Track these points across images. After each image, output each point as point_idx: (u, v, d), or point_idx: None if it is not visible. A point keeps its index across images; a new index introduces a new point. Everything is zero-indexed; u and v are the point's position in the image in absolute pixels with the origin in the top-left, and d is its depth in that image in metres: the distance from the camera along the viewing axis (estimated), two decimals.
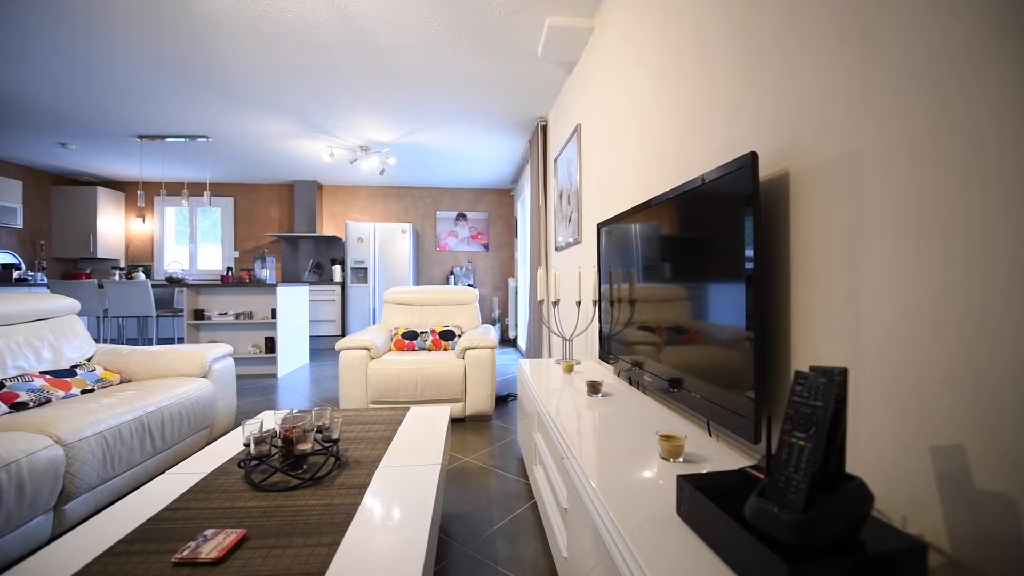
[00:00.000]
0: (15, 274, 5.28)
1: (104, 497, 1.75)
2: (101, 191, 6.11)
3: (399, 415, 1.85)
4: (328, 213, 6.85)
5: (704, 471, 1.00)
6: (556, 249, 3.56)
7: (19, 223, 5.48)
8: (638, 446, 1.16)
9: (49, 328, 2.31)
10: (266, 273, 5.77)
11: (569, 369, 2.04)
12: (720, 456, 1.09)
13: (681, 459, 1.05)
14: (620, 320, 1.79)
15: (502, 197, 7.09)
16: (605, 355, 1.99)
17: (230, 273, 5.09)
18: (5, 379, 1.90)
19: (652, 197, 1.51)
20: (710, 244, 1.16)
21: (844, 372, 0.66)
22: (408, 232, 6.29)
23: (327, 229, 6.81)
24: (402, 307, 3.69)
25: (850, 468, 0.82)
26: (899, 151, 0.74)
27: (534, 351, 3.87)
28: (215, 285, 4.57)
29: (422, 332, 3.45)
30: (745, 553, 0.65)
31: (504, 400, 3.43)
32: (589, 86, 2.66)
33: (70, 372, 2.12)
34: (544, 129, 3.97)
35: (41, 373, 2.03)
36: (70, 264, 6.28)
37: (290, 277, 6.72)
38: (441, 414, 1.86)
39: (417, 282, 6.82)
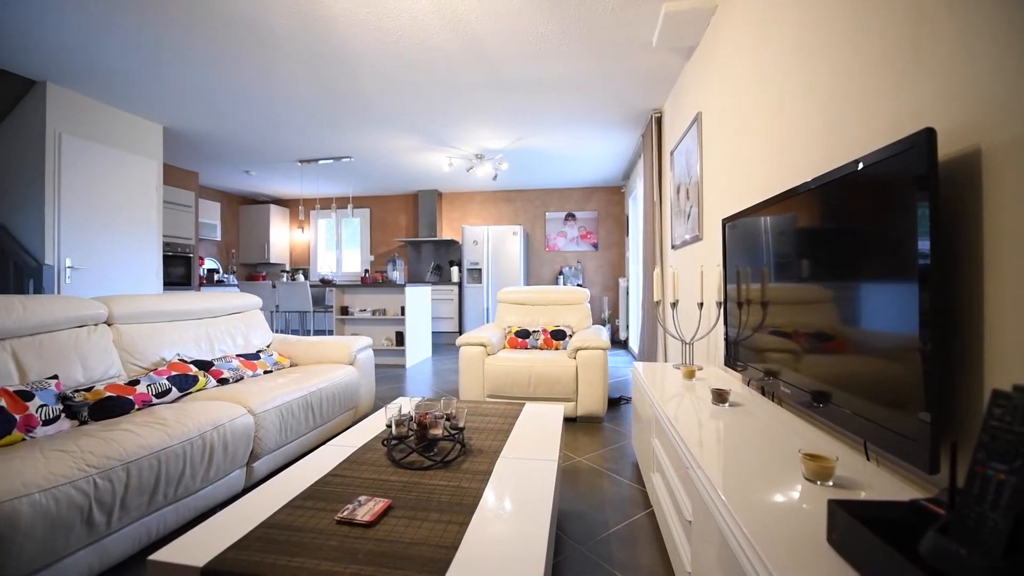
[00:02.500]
0: (215, 276, 6.67)
1: (279, 459, 2.13)
2: (272, 208, 7.40)
3: (515, 410, 1.93)
4: (447, 218, 7.39)
5: (860, 498, 0.88)
6: (672, 247, 3.38)
7: (218, 236, 6.91)
8: (775, 463, 1.06)
9: (241, 320, 2.87)
10: (396, 275, 6.43)
11: (690, 375, 1.93)
12: (881, 483, 0.94)
13: (831, 482, 0.94)
14: (749, 324, 1.64)
15: (612, 195, 6.93)
16: (731, 362, 1.83)
17: (367, 275, 5.79)
18: (214, 359, 2.42)
19: (791, 187, 1.35)
20: (866, 238, 1.01)
21: None
22: (519, 234, 6.50)
23: (446, 233, 7.35)
24: (514, 306, 3.83)
25: None
26: None
27: (648, 354, 3.72)
28: (356, 285, 5.24)
29: (534, 331, 3.54)
30: None
31: (616, 403, 3.36)
32: (711, 70, 2.48)
33: (256, 356, 2.62)
34: (659, 121, 3.79)
35: (237, 356, 2.54)
36: (251, 268, 7.72)
37: (415, 278, 7.40)
38: (555, 412, 1.90)
39: (527, 282, 7.01)
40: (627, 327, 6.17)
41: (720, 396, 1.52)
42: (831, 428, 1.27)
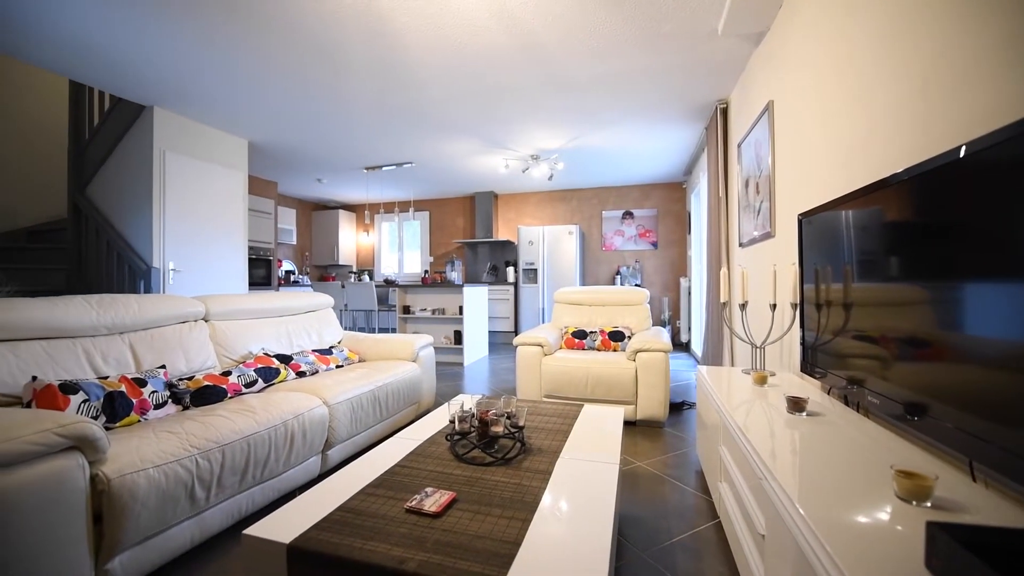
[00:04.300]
0: (292, 277, 7.21)
1: (349, 449, 2.27)
2: (341, 213, 7.88)
3: (574, 411, 1.92)
4: (503, 219, 7.48)
5: (964, 522, 0.79)
6: (740, 245, 3.20)
7: (294, 240, 7.46)
8: (861, 479, 0.98)
9: (316, 318, 3.09)
10: (454, 275, 6.61)
11: (761, 380, 1.82)
12: (989, 507, 0.84)
13: (928, 503, 0.85)
14: (830, 327, 1.52)
15: (672, 192, 6.67)
16: (809, 368, 1.71)
17: (427, 275, 6.00)
18: (293, 353, 2.62)
19: (879, 179, 1.24)
20: (971, 232, 0.90)
21: None
22: (574, 233, 6.44)
23: (502, 234, 7.44)
24: (571, 307, 3.80)
25: None
26: None
27: (712, 358, 3.55)
28: (417, 286, 5.45)
29: (591, 332, 3.49)
30: None
31: (678, 407, 3.24)
32: (784, 56, 2.32)
33: (328, 351, 2.80)
34: (724, 112, 3.60)
35: (312, 351, 2.74)
36: (323, 269, 8.26)
37: (471, 278, 7.56)
38: (615, 415, 1.87)
39: (583, 282, 6.93)
40: (689, 329, 5.92)
41: (796, 404, 1.42)
42: (928, 444, 1.15)
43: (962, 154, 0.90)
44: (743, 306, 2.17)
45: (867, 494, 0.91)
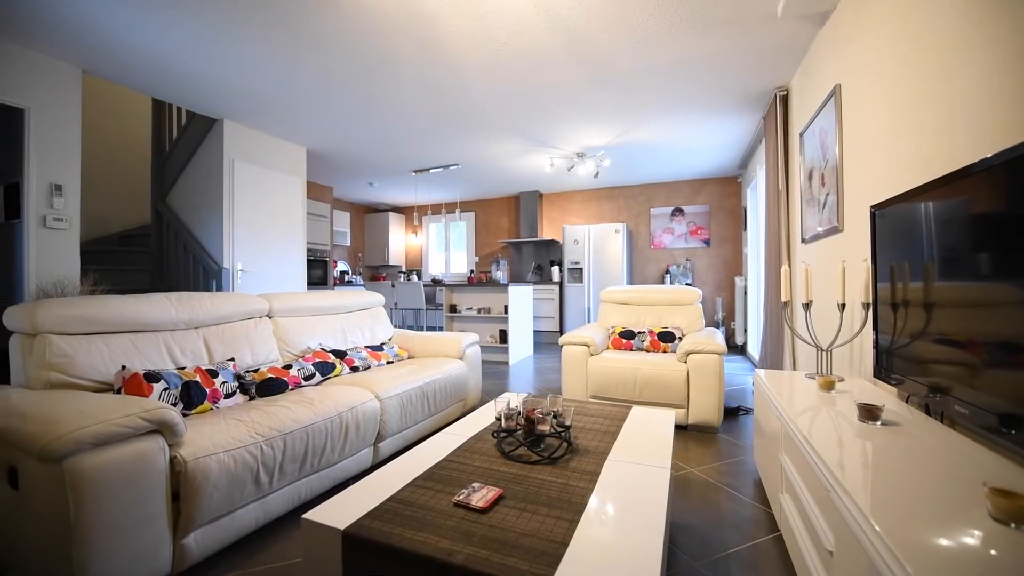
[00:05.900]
0: (346, 277, 7.55)
1: (399, 442, 2.34)
2: (391, 215, 8.16)
3: (622, 412, 1.88)
4: (547, 219, 7.45)
5: None
6: (802, 241, 3.00)
7: (347, 242, 7.81)
8: (946, 496, 0.88)
9: (369, 316, 3.21)
10: (500, 275, 6.66)
11: (828, 386, 1.69)
12: None
13: None
14: (908, 330, 1.39)
15: (726, 186, 6.37)
16: (884, 373, 1.57)
17: (473, 275, 6.08)
18: (347, 349, 2.74)
19: (964, 166, 1.12)
20: None
21: None
22: (621, 231, 6.30)
23: (547, 234, 7.41)
24: (618, 306, 3.72)
25: None
26: None
27: (771, 361, 3.35)
28: (463, 285, 5.54)
29: (639, 332, 3.40)
30: None
31: (733, 412, 3.09)
32: (853, 35, 2.14)
33: (380, 348, 2.91)
34: (784, 100, 3.39)
35: (365, 347, 2.85)
36: (374, 270, 8.59)
37: (516, 278, 7.58)
38: (666, 417, 1.80)
39: (630, 281, 6.76)
40: (745, 331, 5.62)
41: (870, 412, 1.31)
42: None
43: None
44: (807, 306, 2.03)
45: (954, 513, 0.82)
